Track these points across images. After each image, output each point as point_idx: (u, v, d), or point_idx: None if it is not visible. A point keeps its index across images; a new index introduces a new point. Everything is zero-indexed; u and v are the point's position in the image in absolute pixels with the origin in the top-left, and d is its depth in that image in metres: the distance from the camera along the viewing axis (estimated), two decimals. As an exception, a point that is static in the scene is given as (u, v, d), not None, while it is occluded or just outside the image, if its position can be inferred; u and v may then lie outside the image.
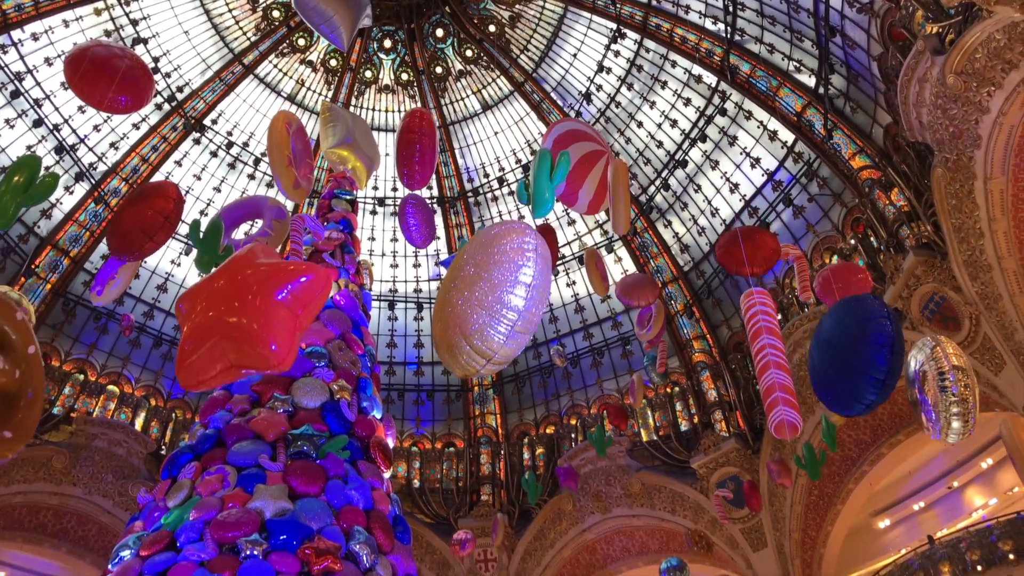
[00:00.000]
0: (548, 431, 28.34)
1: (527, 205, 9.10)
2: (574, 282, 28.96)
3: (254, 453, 8.15)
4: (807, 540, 22.19)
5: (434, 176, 29.64)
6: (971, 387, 8.13)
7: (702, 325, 26.22)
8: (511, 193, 29.41)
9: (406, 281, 30.06)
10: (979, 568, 17.40)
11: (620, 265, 28.24)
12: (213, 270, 10.48)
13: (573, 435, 27.66)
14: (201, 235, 10.00)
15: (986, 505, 21.14)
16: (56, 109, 24.44)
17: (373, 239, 29.67)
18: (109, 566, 7.85)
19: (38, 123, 24.18)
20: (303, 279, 5.00)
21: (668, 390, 26.87)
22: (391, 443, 10.64)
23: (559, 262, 28.71)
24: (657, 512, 24.91)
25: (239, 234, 11.61)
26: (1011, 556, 17.02)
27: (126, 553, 7.75)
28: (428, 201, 29.50)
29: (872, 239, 21.21)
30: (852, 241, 21.88)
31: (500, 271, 5.56)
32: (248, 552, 7.29)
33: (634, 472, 25.15)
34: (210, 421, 9.06)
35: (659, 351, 14.77)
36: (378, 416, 10.62)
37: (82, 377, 25.14)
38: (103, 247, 25.89)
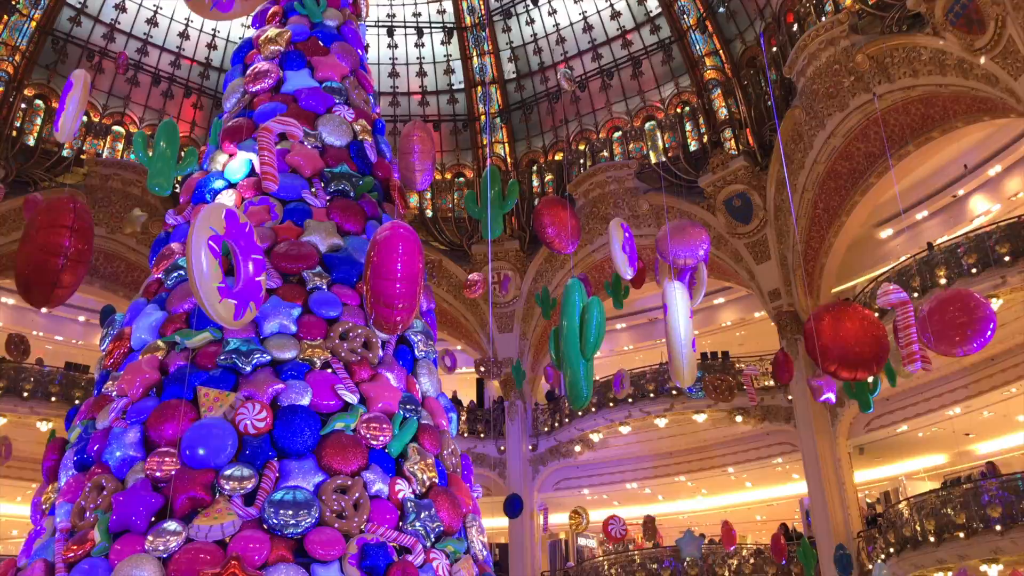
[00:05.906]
0: (556, 158, 28.39)
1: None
2: (581, -2, 27.48)
3: (296, 188, 8.10)
4: (810, 252, 22.97)
5: None
6: None
7: (715, 40, 25.25)
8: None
9: (404, 4, 28.59)
10: (973, 271, 17.94)
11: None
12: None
13: (582, 161, 27.74)
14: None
15: (988, 212, 21.45)
16: None
17: (365, -41, 27.78)
18: (163, 285, 7.93)
19: None
20: None
21: (678, 110, 26.52)
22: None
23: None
24: (664, 231, 25.60)
25: None
26: (1007, 258, 17.45)
27: (182, 272, 7.60)
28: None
29: (902, -61, 19.76)
30: (880, -58, 20.41)
31: None
32: (314, 284, 7.48)
33: (642, 194, 25.51)
34: (238, 149, 8.61)
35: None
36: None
37: (85, 118, 24.75)
38: (84, -20, 24.44)
